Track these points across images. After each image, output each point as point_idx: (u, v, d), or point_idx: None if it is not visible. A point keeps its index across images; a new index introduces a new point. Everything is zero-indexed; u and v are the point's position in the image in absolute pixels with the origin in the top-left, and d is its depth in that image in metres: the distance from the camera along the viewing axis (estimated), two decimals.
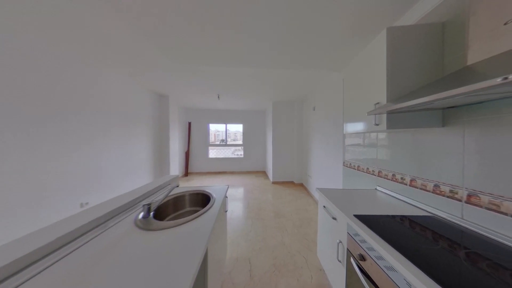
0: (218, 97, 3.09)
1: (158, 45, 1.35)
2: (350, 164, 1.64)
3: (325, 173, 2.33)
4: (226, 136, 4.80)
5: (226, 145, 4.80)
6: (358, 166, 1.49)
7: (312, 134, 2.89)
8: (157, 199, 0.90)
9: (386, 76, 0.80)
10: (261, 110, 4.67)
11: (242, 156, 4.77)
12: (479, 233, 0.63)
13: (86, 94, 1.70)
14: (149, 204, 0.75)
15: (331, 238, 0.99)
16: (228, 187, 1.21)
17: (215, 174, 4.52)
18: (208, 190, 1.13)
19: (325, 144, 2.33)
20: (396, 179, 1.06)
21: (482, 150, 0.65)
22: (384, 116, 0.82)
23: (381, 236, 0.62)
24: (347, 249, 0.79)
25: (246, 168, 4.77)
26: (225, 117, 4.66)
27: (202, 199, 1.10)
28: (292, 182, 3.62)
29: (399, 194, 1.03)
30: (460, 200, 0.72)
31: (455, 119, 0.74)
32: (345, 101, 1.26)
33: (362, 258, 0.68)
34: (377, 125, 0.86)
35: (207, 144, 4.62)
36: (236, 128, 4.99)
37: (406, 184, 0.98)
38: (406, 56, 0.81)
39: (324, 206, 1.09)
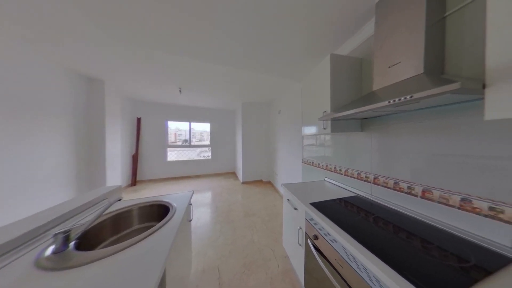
0: (180, 91, 2.72)
1: (88, 14, 1.02)
2: (307, 161, 1.95)
3: (288, 170, 2.63)
4: (190, 136, 4.30)
5: (190, 146, 4.31)
6: (313, 162, 1.81)
7: (278, 135, 3.18)
8: (83, 222, 0.70)
9: (330, 90, 1.04)
10: (230, 109, 4.58)
11: (210, 157, 4.47)
12: (380, 203, 0.95)
13: None
14: (66, 232, 0.55)
15: (294, 227, 1.14)
16: (192, 193, 1.11)
17: (176, 180, 3.94)
18: (167, 199, 0.98)
19: (288, 144, 2.64)
20: (336, 170, 1.38)
21: (380, 148, 0.99)
22: (329, 122, 1.06)
23: (327, 216, 0.80)
24: (305, 232, 0.94)
25: (214, 170, 4.50)
26: (189, 115, 4.17)
27: (158, 212, 0.94)
28: (261, 181, 3.81)
29: (338, 182, 1.34)
30: (370, 182, 1.05)
31: (367, 127, 1.07)
32: (303, 107, 1.49)
33: (316, 237, 0.83)
34: (325, 129, 1.09)
35: (165, 145, 3.93)
36: (203, 128, 4.60)
37: (342, 174, 1.30)
38: (342, 77, 1.08)
39: (288, 199, 1.24)
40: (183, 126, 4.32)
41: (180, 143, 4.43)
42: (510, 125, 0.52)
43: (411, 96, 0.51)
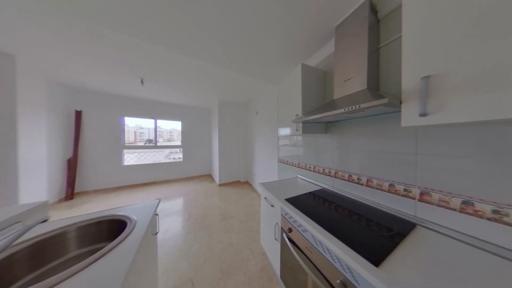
0: (142, 82, 2.32)
1: None
2: (283, 160, 2.09)
3: (265, 169, 2.74)
4: (156, 135, 3.74)
5: (156, 147, 3.74)
6: (287, 161, 1.96)
7: (255, 135, 3.25)
8: None
9: (301, 96, 1.16)
10: (205, 107, 4.31)
11: (181, 159, 4.04)
12: (339, 193, 1.14)
13: None
14: None
15: (271, 223, 1.19)
16: (159, 202, 0.98)
17: (137, 188, 3.33)
18: (123, 212, 0.82)
19: (265, 144, 2.75)
20: (306, 167, 1.55)
21: (339, 147, 1.19)
22: (301, 124, 1.18)
23: (299, 209, 0.89)
24: (281, 227, 1.01)
25: (187, 174, 4.11)
26: (155, 111, 3.61)
27: (110, 229, 0.77)
28: (238, 181, 3.78)
29: (308, 178, 1.51)
30: (332, 176, 1.24)
31: (330, 129, 1.27)
32: (279, 110, 1.59)
33: (290, 230, 0.91)
34: (297, 130, 1.21)
35: (120, 146, 3.25)
36: (173, 126, 4.10)
37: (311, 170, 1.48)
38: (311, 85, 1.22)
39: (265, 198, 1.29)
40: (146, 123, 3.70)
41: (142, 144, 3.74)
42: (415, 131, 0.75)
43: (359, 106, 0.64)
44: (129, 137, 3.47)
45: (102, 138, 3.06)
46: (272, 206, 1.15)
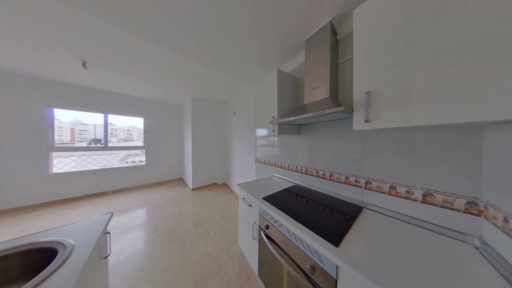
0: (84, 65, 1.78)
1: None
2: (260, 159, 2.16)
3: (243, 169, 2.74)
4: (106, 134, 2.98)
5: (106, 148, 2.99)
6: (264, 161, 2.03)
7: (233, 135, 3.21)
8: None
9: (277, 99, 1.24)
10: (176, 104, 3.88)
11: (144, 163, 3.47)
12: (309, 188, 1.28)
13: None
14: None
15: (249, 223, 1.21)
16: (111, 216, 0.81)
17: (77, 202, 2.57)
18: (50, 237, 0.62)
19: (243, 145, 2.75)
20: (282, 166, 1.66)
21: (309, 147, 1.34)
22: (276, 125, 1.25)
23: (275, 206, 0.94)
24: (259, 225, 1.04)
25: (152, 179, 3.57)
26: (105, 104, 2.92)
27: (27, 264, 0.57)
28: (215, 184, 3.61)
29: (283, 175, 1.63)
30: (303, 173, 1.38)
31: (301, 131, 1.41)
32: (256, 111, 1.63)
33: (267, 227, 0.95)
34: (273, 131, 1.28)
35: (45, 147, 2.40)
36: (132, 123, 3.46)
37: (286, 169, 1.60)
38: (285, 90, 1.32)
39: (243, 198, 1.29)
40: (91, 119, 2.93)
41: (85, 145, 2.90)
42: (362, 134, 0.94)
43: (324, 111, 0.75)
44: (61, 136, 2.64)
45: (9, 137, 2.20)
46: (250, 205, 1.17)
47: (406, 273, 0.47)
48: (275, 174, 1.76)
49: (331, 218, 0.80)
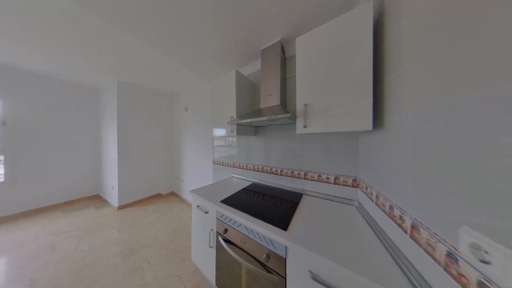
0: None
1: None
2: (218, 161, 2.05)
3: (198, 173, 2.46)
4: None
5: None
6: (222, 162, 1.96)
7: (185, 135, 2.78)
8: None
9: (235, 100, 1.24)
10: (86, 86, 2.69)
11: (2, 178, 2.05)
12: (266, 184, 1.41)
13: None
14: None
15: (205, 231, 1.11)
16: None
17: None
18: None
19: (197, 145, 2.48)
20: (240, 166, 1.70)
21: (264, 147, 1.48)
22: (235, 126, 1.26)
23: (234, 207, 0.94)
24: (216, 231, 0.99)
25: (23, 206, 2.20)
26: None
27: None
28: (159, 195, 2.93)
29: (242, 175, 1.67)
30: (260, 171, 1.51)
31: (258, 132, 1.52)
32: (213, 110, 1.54)
33: (226, 230, 0.92)
34: (232, 132, 1.28)
35: None
36: None
37: (244, 168, 1.65)
38: (243, 92, 1.36)
39: (197, 206, 1.16)
40: None
41: None
42: (302, 136, 1.20)
43: (276, 116, 0.87)
44: None
45: None
46: (207, 212, 1.08)
47: (326, 233, 0.66)
48: (233, 175, 1.75)
49: (281, 207, 0.94)
